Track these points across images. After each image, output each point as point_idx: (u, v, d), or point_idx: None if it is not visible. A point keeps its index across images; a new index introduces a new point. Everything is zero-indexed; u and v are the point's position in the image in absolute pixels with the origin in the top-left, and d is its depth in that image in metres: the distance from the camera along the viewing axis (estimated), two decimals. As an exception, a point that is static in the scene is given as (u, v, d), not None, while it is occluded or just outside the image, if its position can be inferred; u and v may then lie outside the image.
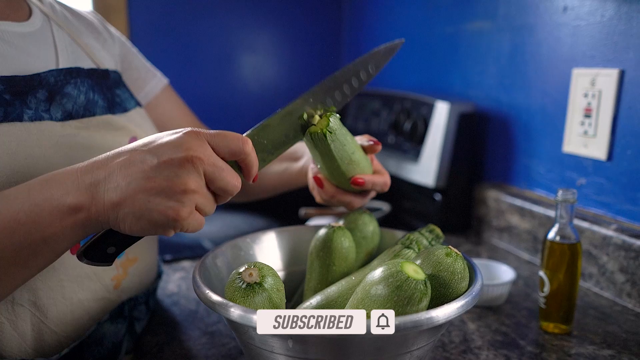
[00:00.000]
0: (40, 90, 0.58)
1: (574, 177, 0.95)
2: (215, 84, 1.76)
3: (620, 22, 0.84)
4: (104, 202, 0.44)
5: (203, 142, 0.45)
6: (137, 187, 0.43)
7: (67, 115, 0.60)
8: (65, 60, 0.65)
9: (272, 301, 0.52)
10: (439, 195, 1.14)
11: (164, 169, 0.43)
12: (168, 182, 0.43)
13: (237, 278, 0.52)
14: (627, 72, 0.83)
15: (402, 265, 0.49)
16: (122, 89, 0.72)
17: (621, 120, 0.85)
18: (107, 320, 0.62)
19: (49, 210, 0.44)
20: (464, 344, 0.69)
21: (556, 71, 0.97)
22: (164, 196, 0.43)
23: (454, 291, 0.53)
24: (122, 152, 0.45)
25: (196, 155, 0.44)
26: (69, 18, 0.72)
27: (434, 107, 1.13)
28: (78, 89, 0.63)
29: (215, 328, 0.74)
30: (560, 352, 0.67)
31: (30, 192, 0.45)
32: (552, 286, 0.71)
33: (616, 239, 0.82)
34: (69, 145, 0.58)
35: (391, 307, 0.48)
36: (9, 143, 0.53)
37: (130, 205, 0.43)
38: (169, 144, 0.44)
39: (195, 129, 0.46)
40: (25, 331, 0.56)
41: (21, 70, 0.58)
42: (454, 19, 1.27)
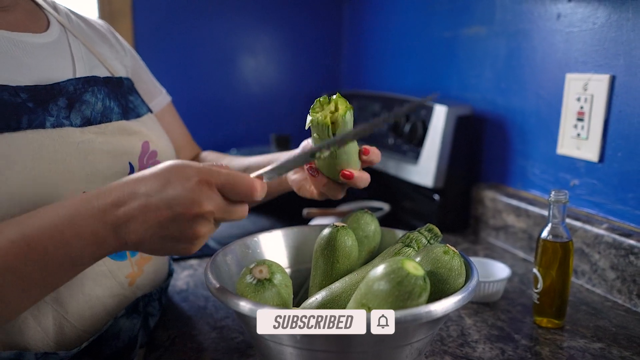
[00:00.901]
0: (60, 98, 0.62)
1: (568, 178, 0.98)
2: (218, 86, 1.79)
3: (610, 29, 0.87)
4: (126, 241, 0.49)
5: (213, 193, 0.49)
6: (154, 234, 0.48)
7: (86, 122, 0.63)
8: (82, 69, 0.68)
9: (280, 296, 0.55)
10: (438, 195, 1.18)
11: (177, 221, 0.48)
12: (181, 232, 0.49)
13: (248, 274, 0.56)
14: (618, 78, 0.87)
15: (402, 263, 0.53)
16: (135, 96, 0.75)
17: (612, 124, 0.88)
18: (123, 316, 0.66)
19: (78, 247, 0.48)
20: (461, 337, 0.73)
21: (550, 76, 1.01)
22: (177, 241, 0.49)
23: (451, 287, 0.57)
24: (138, 194, 0.48)
25: (208, 210, 0.48)
26: (83, 28, 0.75)
27: (433, 110, 1.16)
28: (95, 97, 0.66)
29: (224, 323, 0.77)
30: (553, 345, 0.70)
31: (58, 227, 0.47)
32: (545, 283, 0.74)
33: (607, 237, 0.85)
34: (88, 150, 0.62)
35: (393, 301, 0.51)
36: (33, 149, 0.56)
37: (148, 246, 0.50)
38: (182, 197, 0.47)
39: (205, 177, 0.49)
40: (47, 325, 0.59)
41: (41, 79, 0.62)
42: (452, 24, 1.31)
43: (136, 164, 0.68)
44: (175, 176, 0.49)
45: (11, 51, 0.61)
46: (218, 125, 1.80)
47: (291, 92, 1.89)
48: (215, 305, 0.83)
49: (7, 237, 0.46)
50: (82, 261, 0.50)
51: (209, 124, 1.78)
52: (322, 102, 0.64)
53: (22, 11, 0.67)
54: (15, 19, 0.65)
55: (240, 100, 1.83)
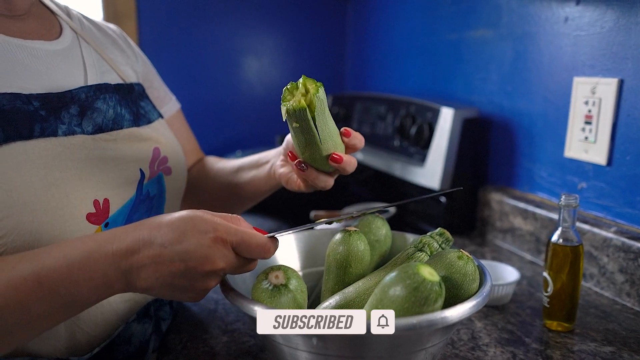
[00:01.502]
0: (72, 106, 0.62)
1: (575, 181, 0.98)
2: (222, 87, 1.79)
3: (619, 33, 0.88)
4: (136, 286, 0.50)
5: (227, 252, 0.50)
6: (164, 283, 0.50)
7: (98, 129, 0.63)
8: (93, 76, 0.69)
9: (296, 301, 0.56)
10: (444, 197, 1.18)
11: (189, 275, 0.49)
12: (191, 284, 0.50)
13: (264, 280, 0.56)
14: (626, 82, 0.87)
15: (418, 268, 0.53)
16: (146, 101, 0.76)
17: (620, 128, 0.88)
18: (134, 320, 0.66)
19: (88, 288, 0.49)
20: (472, 341, 0.73)
21: (557, 79, 1.01)
22: (185, 291, 0.51)
23: (465, 292, 0.57)
24: (153, 244, 0.49)
25: (220, 268, 0.50)
26: (95, 33, 0.75)
27: (439, 113, 1.17)
28: (107, 104, 0.66)
29: (235, 327, 0.77)
30: (563, 349, 0.71)
31: (70, 269, 0.48)
32: (555, 286, 0.74)
33: (616, 240, 0.86)
34: (99, 157, 0.62)
35: (409, 307, 0.51)
36: (45, 157, 0.56)
37: (156, 292, 0.51)
38: (196, 253, 0.49)
39: (221, 235, 0.50)
40: (59, 332, 0.59)
41: (54, 86, 0.62)
42: (457, 26, 1.31)
43: (147, 170, 0.68)
44: (192, 230, 0.49)
45: (24, 59, 0.61)
46: (223, 127, 1.81)
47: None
48: (226, 308, 0.83)
49: (20, 274, 0.47)
50: (89, 301, 0.50)
51: (213, 125, 1.78)
52: (290, 89, 0.61)
53: (35, 18, 0.67)
54: (29, 26, 0.65)
55: (244, 101, 1.84)
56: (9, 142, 0.54)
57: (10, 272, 0.47)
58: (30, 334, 0.50)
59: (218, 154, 1.73)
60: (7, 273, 0.47)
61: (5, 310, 0.46)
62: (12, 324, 0.47)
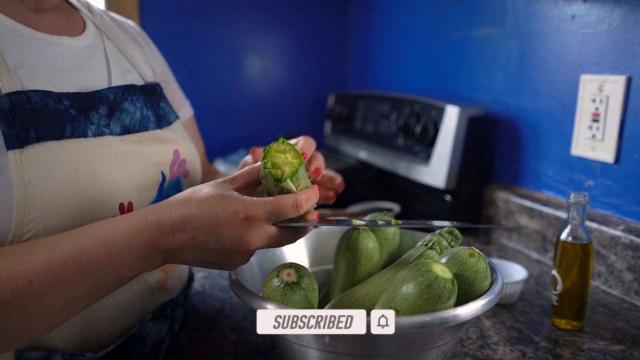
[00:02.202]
0: (101, 106, 0.62)
1: (582, 179, 0.98)
2: (225, 87, 1.79)
3: (627, 30, 0.87)
4: (174, 261, 0.52)
5: (261, 228, 0.50)
6: (201, 260, 0.51)
7: (125, 130, 0.63)
8: (116, 73, 0.69)
9: (308, 299, 0.55)
10: (449, 196, 1.18)
11: (224, 253, 0.50)
12: (227, 261, 0.52)
13: (275, 278, 0.55)
14: (634, 79, 0.87)
15: (431, 266, 0.53)
16: (164, 102, 0.75)
17: (628, 125, 0.88)
18: (150, 320, 0.66)
19: (128, 269, 0.50)
20: (481, 339, 0.73)
21: (564, 77, 1.01)
22: (223, 265, 0.53)
23: (477, 289, 0.57)
24: (185, 227, 0.49)
25: (253, 247, 0.50)
26: (115, 29, 0.76)
27: (444, 111, 1.16)
28: (134, 105, 0.66)
29: (243, 325, 0.77)
30: (573, 347, 0.70)
31: (109, 254, 0.48)
32: (564, 284, 0.74)
33: (624, 239, 0.85)
34: (125, 161, 0.61)
35: (422, 304, 0.51)
36: (75, 159, 0.56)
37: (194, 265, 0.53)
38: (230, 233, 0.49)
39: (251, 212, 0.49)
40: (75, 328, 0.59)
41: (81, 84, 0.62)
42: (462, 24, 1.31)
43: (167, 172, 0.68)
44: (222, 212, 0.49)
45: (52, 55, 0.61)
46: (225, 126, 1.80)
47: (298, 92, 1.89)
48: (233, 306, 0.83)
49: (60, 259, 0.47)
50: (130, 278, 0.51)
51: (216, 125, 1.78)
52: (273, 151, 0.54)
53: (60, 13, 0.67)
54: (55, 21, 0.65)
55: (247, 101, 1.83)
56: (41, 141, 0.53)
57: (49, 256, 0.47)
58: (69, 314, 0.50)
59: (220, 153, 1.74)
60: (45, 257, 0.47)
61: (48, 295, 0.46)
62: (54, 307, 0.48)
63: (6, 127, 0.52)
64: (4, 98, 0.52)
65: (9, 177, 0.51)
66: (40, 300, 0.46)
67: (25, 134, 0.52)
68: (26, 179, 0.51)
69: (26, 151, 0.52)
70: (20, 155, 0.52)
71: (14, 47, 0.57)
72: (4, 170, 0.51)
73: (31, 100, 0.54)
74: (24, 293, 0.45)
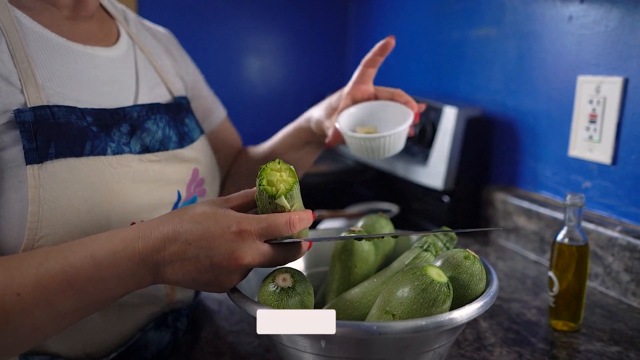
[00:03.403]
0: (124, 124, 0.61)
1: (580, 180, 0.98)
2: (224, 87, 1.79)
3: (624, 32, 0.87)
4: (164, 280, 0.50)
5: (253, 244, 0.49)
6: (190, 278, 0.50)
7: (144, 149, 0.63)
8: (144, 88, 0.69)
9: (303, 304, 0.55)
10: (447, 197, 1.18)
11: (215, 268, 0.49)
12: (217, 277, 0.50)
13: (271, 283, 0.55)
14: (631, 80, 0.87)
15: (426, 270, 0.53)
16: (190, 117, 0.75)
17: (625, 126, 0.88)
18: (151, 329, 0.66)
19: (116, 285, 0.48)
20: (477, 341, 0.73)
21: (562, 77, 1.01)
22: (211, 285, 0.51)
23: (472, 292, 0.57)
24: (177, 240, 0.48)
25: (245, 263, 0.49)
26: (149, 40, 0.76)
27: (442, 112, 1.16)
28: (157, 125, 0.66)
29: (240, 327, 0.77)
30: (570, 349, 0.70)
31: (98, 269, 0.47)
32: (561, 286, 0.74)
33: (621, 240, 0.85)
34: (142, 180, 0.61)
35: (417, 308, 0.51)
36: (92, 177, 0.55)
37: (184, 285, 0.51)
38: (221, 247, 0.48)
39: (244, 226, 0.49)
40: (78, 336, 0.59)
41: (107, 99, 0.62)
42: (461, 25, 1.30)
43: (184, 192, 0.68)
44: (214, 226, 0.49)
45: (83, 67, 0.61)
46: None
47: (297, 92, 1.89)
48: (230, 309, 0.83)
49: (48, 272, 0.46)
50: (118, 296, 0.50)
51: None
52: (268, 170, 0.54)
53: (96, 21, 0.67)
54: (88, 30, 0.65)
55: (246, 101, 1.83)
56: (60, 157, 0.53)
57: (37, 269, 0.46)
58: (57, 328, 0.49)
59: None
60: (34, 270, 0.46)
61: (35, 308, 0.45)
62: (41, 321, 0.46)
63: (28, 141, 0.52)
64: (28, 112, 0.52)
65: (25, 192, 0.51)
66: (28, 314, 0.45)
67: (46, 149, 0.52)
68: (42, 195, 0.51)
69: (45, 167, 0.52)
70: (38, 170, 0.52)
71: (45, 58, 0.57)
72: (22, 185, 0.51)
73: (55, 115, 0.54)
74: (11, 305, 0.44)
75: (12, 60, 0.54)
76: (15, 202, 0.51)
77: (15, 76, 0.53)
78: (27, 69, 0.54)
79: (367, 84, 0.79)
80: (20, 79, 0.53)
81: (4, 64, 0.53)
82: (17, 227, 0.51)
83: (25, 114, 0.52)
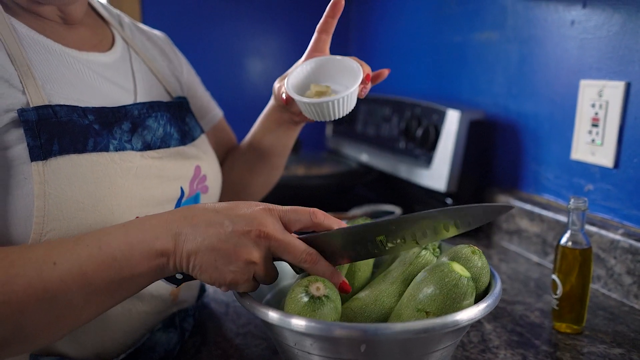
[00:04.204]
0: (125, 122, 0.63)
1: (582, 183, 0.99)
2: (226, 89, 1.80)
3: (625, 37, 0.88)
4: (182, 250, 0.51)
5: (275, 219, 0.53)
6: (210, 245, 0.50)
7: (146, 146, 0.64)
8: (142, 89, 0.70)
9: (337, 310, 0.55)
10: (450, 199, 1.19)
11: (235, 236, 0.51)
12: (236, 249, 0.51)
13: (302, 293, 0.54)
14: (633, 85, 0.87)
15: (451, 266, 0.54)
16: (190, 116, 0.76)
17: (627, 130, 0.89)
18: (160, 329, 0.67)
19: (140, 251, 0.50)
20: (482, 343, 0.74)
21: (564, 81, 1.02)
22: (229, 260, 0.51)
23: (482, 285, 0.59)
24: (207, 210, 0.52)
25: (265, 231, 0.51)
26: (145, 43, 0.77)
27: (445, 115, 1.17)
28: (158, 122, 0.67)
29: (247, 329, 0.78)
30: (573, 351, 0.71)
31: (128, 232, 0.51)
32: (564, 289, 0.75)
33: (623, 242, 0.86)
34: (145, 175, 0.62)
35: (450, 304, 0.53)
36: (96, 172, 0.57)
37: (201, 258, 0.51)
38: (245, 216, 0.52)
39: (269, 206, 0.53)
40: (88, 337, 0.60)
41: (107, 100, 0.63)
42: (463, 28, 1.31)
43: (187, 188, 0.69)
44: (243, 203, 0.53)
45: (80, 72, 0.62)
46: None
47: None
48: (237, 311, 0.84)
49: (84, 242, 0.50)
50: (141, 274, 0.51)
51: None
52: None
53: (88, 27, 0.68)
54: (82, 36, 0.66)
55: (247, 103, 1.84)
56: (63, 154, 0.55)
57: (74, 242, 0.50)
58: (91, 310, 0.51)
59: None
60: (71, 244, 0.50)
61: (69, 277, 0.48)
62: (76, 296, 0.48)
63: (32, 139, 0.53)
64: (31, 111, 0.54)
65: (30, 187, 0.52)
66: (63, 284, 0.47)
67: (50, 146, 0.54)
68: (47, 190, 0.53)
69: (49, 163, 0.53)
70: (43, 167, 0.53)
71: (43, 62, 0.58)
72: (27, 181, 0.53)
73: (57, 114, 0.55)
74: (48, 274, 0.47)
75: (11, 64, 0.55)
76: (21, 197, 0.53)
77: (16, 78, 0.55)
78: (27, 72, 0.55)
79: (322, 51, 0.77)
80: (21, 80, 0.55)
81: (4, 68, 0.54)
82: (24, 222, 0.53)
83: (28, 113, 0.53)
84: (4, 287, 0.45)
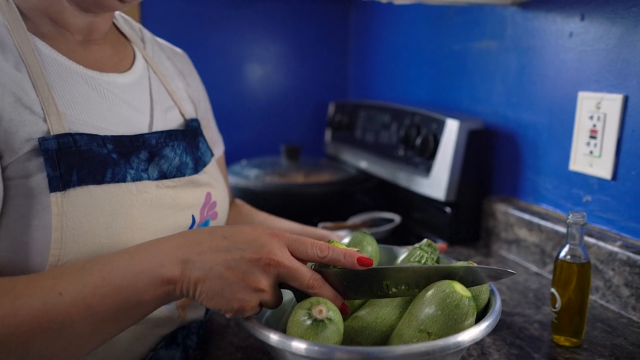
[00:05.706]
0: (142, 151, 0.63)
1: (580, 194, 1.00)
2: (226, 96, 1.80)
3: (623, 50, 0.89)
4: (189, 277, 0.50)
5: (283, 246, 0.53)
6: (217, 272, 0.50)
7: (162, 175, 0.64)
8: (158, 111, 0.70)
9: (339, 332, 0.55)
10: (449, 208, 1.19)
11: (243, 263, 0.51)
12: (244, 276, 0.50)
13: (304, 316, 0.53)
14: (631, 98, 0.88)
15: (453, 286, 0.55)
16: (202, 139, 0.76)
17: (625, 143, 0.90)
18: (162, 347, 0.67)
19: (146, 280, 0.50)
20: (482, 357, 0.74)
21: (562, 93, 1.02)
22: (237, 288, 0.51)
23: (481, 303, 0.60)
24: (214, 236, 0.52)
25: (275, 259, 0.51)
26: (164, 62, 0.77)
27: (445, 124, 1.18)
28: (174, 152, 0.67)
29: (248, 343, 0.78)
30: (572, 365, 0.72)
31: (132, 260, 0.50)
32: (563, 302, 0.76)
33: (621, 254, 0.87)
34: (160, 205, 0.63)
35: (452, 325, 0.54)
36: (113, 204, 0.57)
37: (208, 286, 0.51)
38: (253, 242, 0.52)
39: (276, 231, 0.54)
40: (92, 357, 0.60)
41: (124, 125, 0.63)
42: (462, 37, 1.32)
43: (198, 216, 0.70)
44: (249, 228, 0.53)
45: (99, 95, 0.62)
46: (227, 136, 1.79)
47: (299, 100, 1.90)
48: (238, 324, 0.84)
49: (88, 271, 0.50)
50: (148, 302, 0.51)
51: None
52: None
53: (110, 45, 0.68)
54: (103, 55, 0.66)
55: (248, 109, 1.85)
56: (82, 185, 0.54)
57: (79, 271, 0.50)
58: (98, 337, 0.51)
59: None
60: (76, 271, 0.50)
61: (73, 309, 0.48)
62: (81, 326, 0.48)
63: (51, 169, 0.53)
64: (52, 140, 0.54)
65: (49, 219, 0.52)
66: (67, 315, 0.47)
67: (69, 177, 0.54)
68: (64, 222, 0.53)
69: (67, 194, 0.53)
70: (62, 197, 0.53)
71: (64, 85, 0.58)
72: (45, 212, 0.52)
73: (77, 143, 0.55)
74: (53, 305, 0.47)
75: (34, 89, 0.55)
76: (40, 229, 0.52)
77: (38, 105, 0.55)
78: (49, 97, 0.55)
79: None
80: (42, 107, 0.55)
81: (27, 94, 0.54)
82: (42, 253, 0.52)
83: (48, 142, 0.53)
84: (10, 318, 0.45)
